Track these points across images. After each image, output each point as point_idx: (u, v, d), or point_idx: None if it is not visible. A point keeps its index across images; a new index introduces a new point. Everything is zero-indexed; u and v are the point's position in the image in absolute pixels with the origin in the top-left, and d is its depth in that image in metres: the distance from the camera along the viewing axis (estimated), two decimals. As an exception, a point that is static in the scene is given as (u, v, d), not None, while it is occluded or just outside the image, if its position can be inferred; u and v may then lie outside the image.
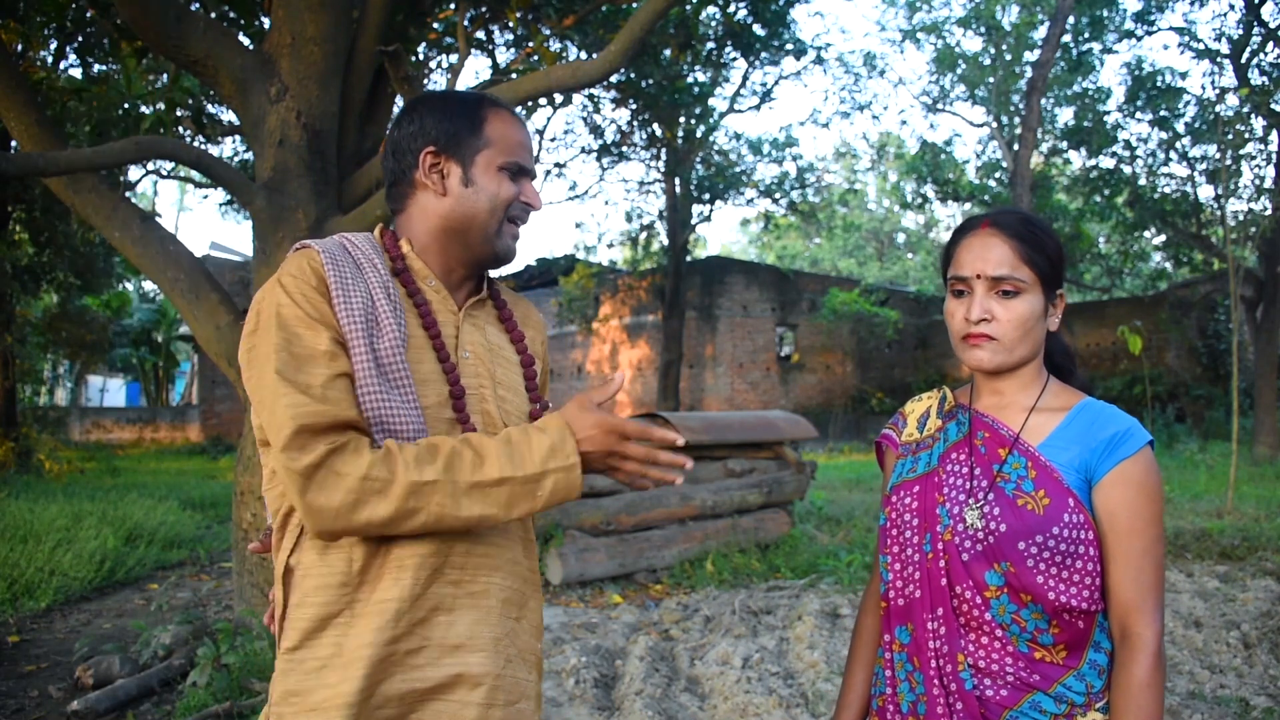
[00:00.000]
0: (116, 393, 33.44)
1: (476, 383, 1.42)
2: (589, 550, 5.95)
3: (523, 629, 1.41)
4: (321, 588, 1.29)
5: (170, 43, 4.24)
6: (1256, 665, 4.16)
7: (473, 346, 1.44)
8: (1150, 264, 20.86)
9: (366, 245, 1.42)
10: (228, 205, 17.18)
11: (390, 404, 1.28)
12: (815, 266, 36.75)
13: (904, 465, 1.50)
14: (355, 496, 1.20)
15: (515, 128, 1.45)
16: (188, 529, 8.18)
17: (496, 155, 1.42)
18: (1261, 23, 14.46)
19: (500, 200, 1.42)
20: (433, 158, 1.42)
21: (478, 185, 1.42)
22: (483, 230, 1.43)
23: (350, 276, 1.34)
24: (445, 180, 1.42)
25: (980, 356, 1.39)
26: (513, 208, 1.44)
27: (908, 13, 21.43)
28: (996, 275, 1.37)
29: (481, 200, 1.41)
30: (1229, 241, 10.07)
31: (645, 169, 20.26)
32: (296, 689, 1.27)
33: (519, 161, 1.44)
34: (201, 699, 3.70)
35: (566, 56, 9.41)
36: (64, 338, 16.34)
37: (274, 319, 1.28)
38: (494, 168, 1.42)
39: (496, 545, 1.37)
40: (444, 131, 1.42)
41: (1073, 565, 1.31)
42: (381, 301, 1.34)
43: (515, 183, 1.44)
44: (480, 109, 1.44)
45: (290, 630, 1.30)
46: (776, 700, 3.61)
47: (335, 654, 1.27)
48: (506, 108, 1.48)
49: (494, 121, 1.44)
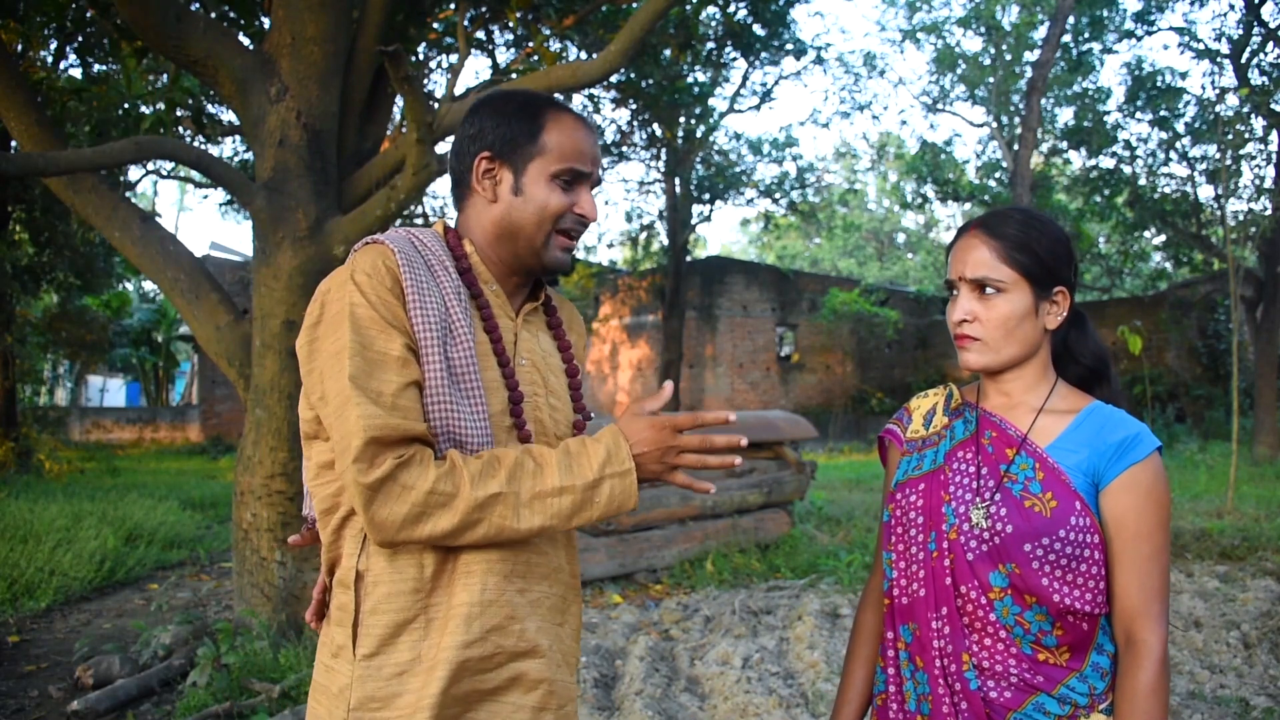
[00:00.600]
0: (116, 393, 33.43)
1: (531, 390, 1.43)
2: (589, 550, 5.95)
3: (566, 633, 1.43)
4: (394, 594, 1.29)
5: (170, 43, 4.24)
6: (1256, 665, 4.16)
7: (529, 354, 1.44)
8: (1150, 264, 20.85)
9: (436, 245, 1.40)
10: (228, 205, 17.17)
11: (460, 414, 1.29)
12: (815, 266, 36.73)
13: (909, 462, 1.49)
14: (420, 510, 1.21)
15: (577, 133, 1.40)
16: (188, 529, 8.17)
17: (550, 163, 1.38)
18: (1261, 23, 14.46)
19: (549, 212, 1.38)
20: (487, 163, 1.40)
21: (527, 195, 1.38)
22: (529, 241, 1.39)
23: (425, 279, 1.33)
24: (497, 187, 1.40)
25: (967, 357, 1.41)
26: (564, 220, 1.40)
27: (908, 13, 21.43)
28: (974, 277, 1.38)
29: (529, 210, 1.38)
30: (1229, 241, 10.06)
31: (645, 169, 20.28)
32: (376, 694, 1.28)
33: (574, 168, 1.39)
34: (201, 699, 3.70)
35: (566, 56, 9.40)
36: (64, 338, 16.32)
37: (347, 317, 1.26)
38: (545, 176, 1.38)
39: (546, 553, 1.39)
40: (500, 136, 1.39)
41: (1078, 568, 1.31)
42: (455, 307, 1.34)
43: (569, 192, 1.39)
44: (541, 114, 1.40)
45: (365, 637, 1.29)
46: (776, 700, 3.61)
47: (415, 659, 1.28)
48: (571, 112, 1.43)
49: (553, 127, 1.39)
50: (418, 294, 1.30)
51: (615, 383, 22.70)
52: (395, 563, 1.30)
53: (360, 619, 1.30)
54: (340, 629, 1.33)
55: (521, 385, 1.41)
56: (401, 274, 1.31)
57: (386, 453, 1.20)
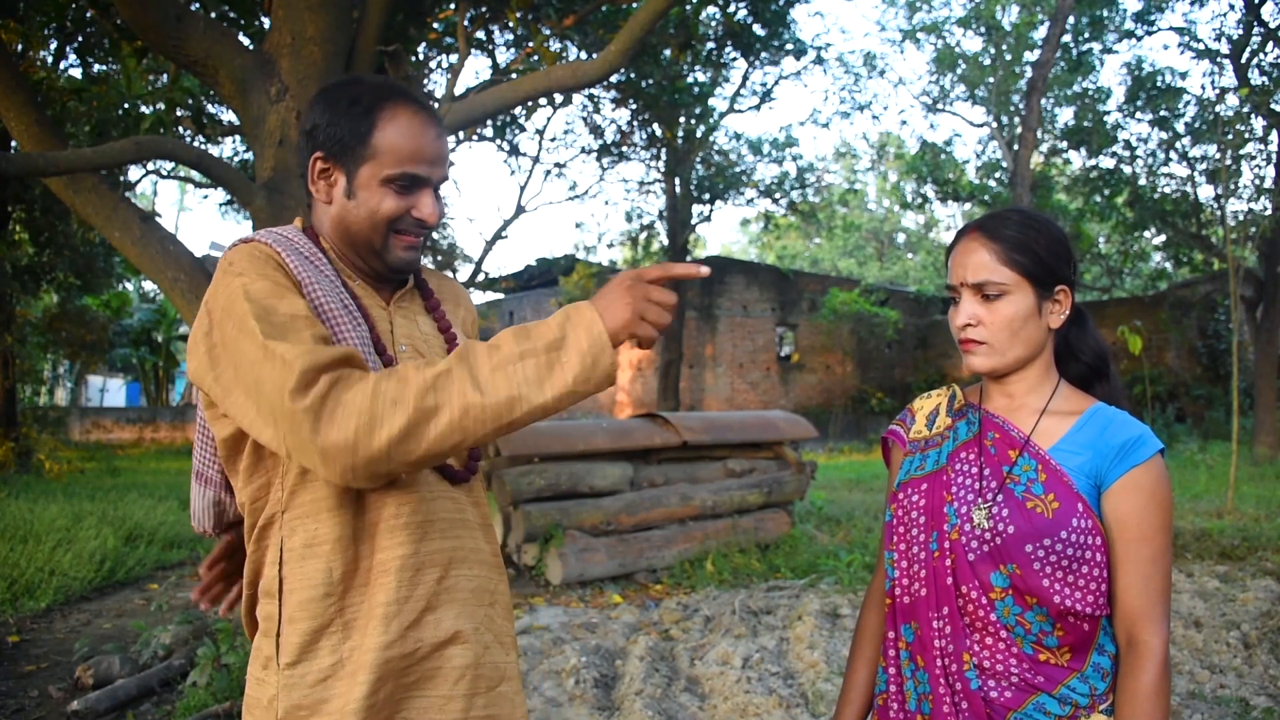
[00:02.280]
0: (116, 393, 33.43)
1: None
2: (589, 550, 5.95)
3: (496, 613, 1.42)
4: (308, 601, 1.27)
5: (170, 43, 4.23)
6: (1256, 665, 4.16)
7: (408, 339, 1.42)
8: (1150, 264, 20.85)
9: (303, 241, 1.37)
10: (228, 205, 17.18)
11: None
12: (815, 266, 36.74)
13: (912, 462, 1.49)
14: (368, 416, 1.12)
15: (412, 132, 1.33)
16: (188, 529, 8.16)
17: (381, 167, 1.32)
18: (1261, 23, 14.46)
19: (380, 217, 1.33)
20: (321, 163, 1.35)
21: (358, 199, 1.34)
22: (367, 243, 1.36)
23: (309, 269, 1.31)
24: (332, 189, 1.36)
25: (974, 360, 1.41)
26: (401, 221, 1.35)
27: (908, 13, 21.44)
28: (975, 281, 1.38)
29: (361, 214, 1.34)
30: (1229, 241, 10.06)
31: (645, 169, 20.27)
32: (302, 703, 1.26)
33: (409, 172, 1.32)
34: (201, 699, 3.70)
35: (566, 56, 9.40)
36: (64, 338, 16.32)
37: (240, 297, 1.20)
38: (376, 181, 1.32)
39: (458, 537, 1.37)
40: (330, 136, 1.33)
41: (1079, 570, 1.31)
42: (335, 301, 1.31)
43: (405, 195, 1.34)
44: (372, 111, 1.33)
45: (286, 645, 1.28)
46: (776, 700, 3.61)
47: (337, 664, 1.27)
48: (410, 105, 1.35)
49: (385, 127, 1.32)
50: (308, 280, 1.28)
51: (615, 382, 22.66)
52: (305, 568, 1.27)
53: (282, 628, 1.28)
54: (266, 639, 1.31)
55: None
56: (286, 261, 1.28)
57: (320, 375, 1.14)
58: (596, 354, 1.18)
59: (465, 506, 1.42)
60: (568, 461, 6.21)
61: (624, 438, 6.47)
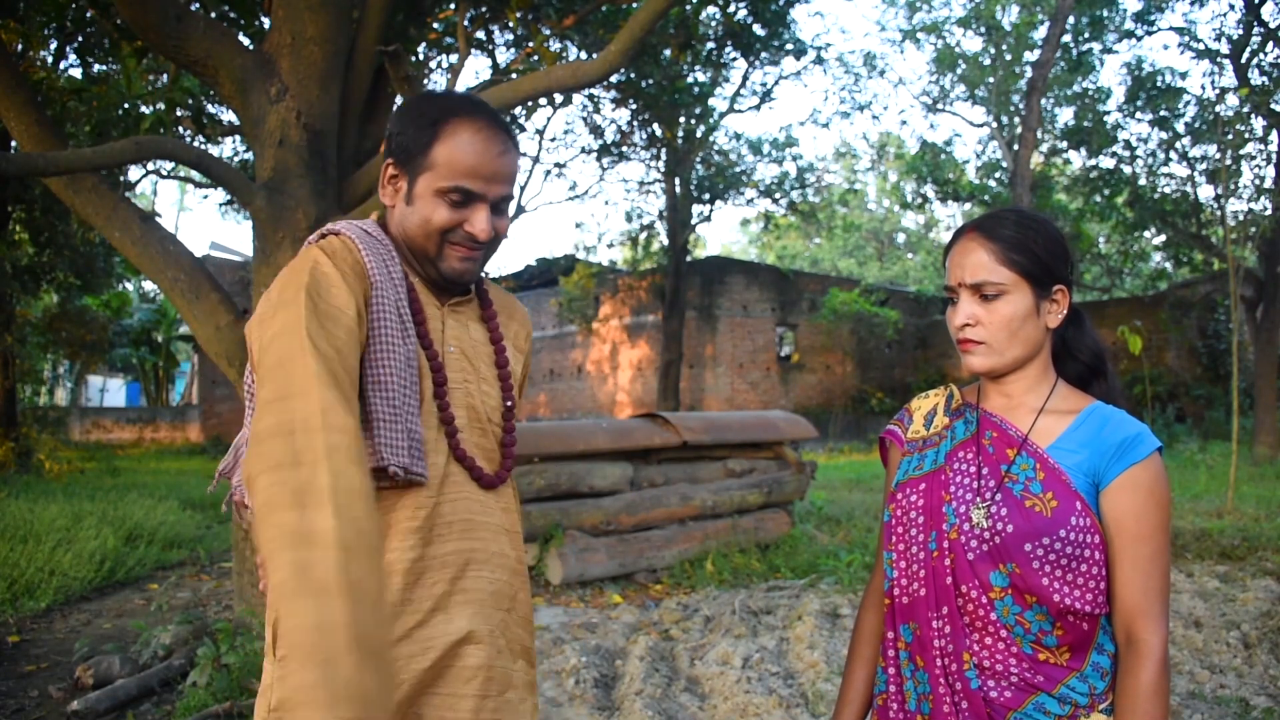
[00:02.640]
0: (116, 393, 33.43)
1: (461, 377, 1.43)
2: (589, 550, 5.95)
3: (513, 620, 1.43)
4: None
5: (170, 43, 4.23)
6: (1256, 665, 4.16)
7: (457, 342, 1.45)
8: (1150, 264, 20.86)
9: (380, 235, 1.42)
10: (228, 205, 17.17)
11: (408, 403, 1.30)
12: (815, 266, 36.74)
13: (910, 462, 1.49)
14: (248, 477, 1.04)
15: (473, 148, 1.35)
16: (188, 529, 8.17)
17: (437, 179, 1.35)
18: (1261, 23, 14.46)
19: (432, 226, 1.37)
20: (392, 169, 1.41)
21: (415, 206, 1.38)
22: (422, 250, 1.40)
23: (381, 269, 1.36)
24: (397, 194, 1.41)
25: (972, 361, 1.41)
26: (454, 234, 1.38)
27: (908, 13, 21.44)
28: (974, 281, 1.38)
29: (415, 221, 1.38)
30: (1229, 241, 10.06)
31: (645, 169, 20.28)
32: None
33: (463, 187, 1.35)
34: (201, 699, 3.70)
35: (566, 56, 9.41)
36: (64, 338, 16.32)
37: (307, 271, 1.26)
38: (431, 192, 1.36)
39: (480, 539, 1.39)
40: (400, 144, 1.39)
41: (1078, 568, 1.31)
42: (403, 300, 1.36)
43: (459, 209, 1.36)
44: (439, 124, 1.36)
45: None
46: (776, 700, 3.61)
47: None
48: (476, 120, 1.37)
49: (448, 140, 1.35)
50: (381, 278, 1.34)
51: (615, 383, 22.69)
52: None
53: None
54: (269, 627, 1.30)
55: (450, 371, 1.42)
56: (365, 259, 1.34)
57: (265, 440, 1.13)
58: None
59: (493, 510, 1.43)
60: (568, 461, 6.21)
61: (624, 438, 6.47)
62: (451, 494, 1.37)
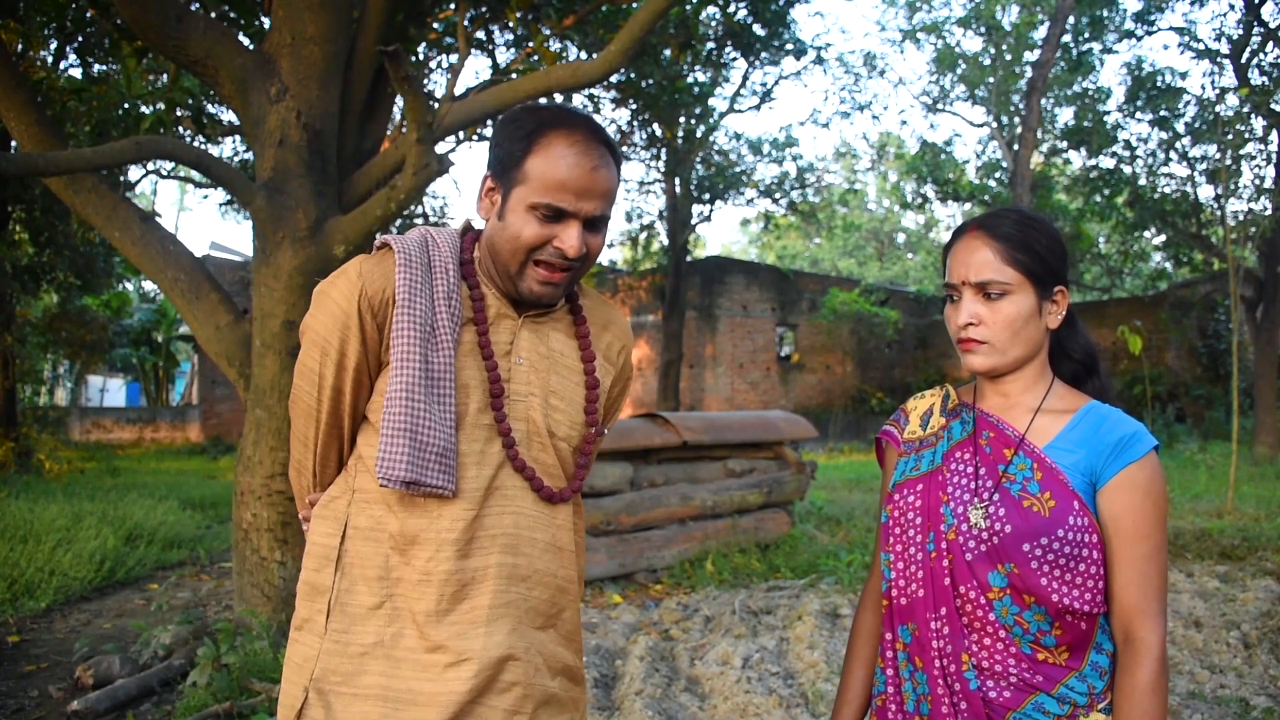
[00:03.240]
0: (116, 393, 33.42)
1: (525, 389, 1.41)
2: (589, 550, 5.95)
3: (551, 639, 1.43)
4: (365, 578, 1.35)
5: (170, 43, 4.24)
6: (1256, 665, 4.16)
7: (528, 354, 1.42)
8: (1150, 264, 20.85)
9: (446, 245, 1.42)
10: (228, 205, 17.17)
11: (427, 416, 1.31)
12: (815, 266, 36.73)
13: (906, 463, 1.49)
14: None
15: (565, 162, 1.31)
16: (188, 529, 8.17)
17: (529, 194, 1.32)
18: (1261, 23, 14.46)
19: (521, 243, 1.34)
20: (490, 182, 1.39)
21: (506, 221, 1.35)
22: (505, 267, 1.38)
23: (419, 281, 1.36)
24: (491, 207, 1.39)
25: (973, 360, 1.40)
26: (541, 251, 1.35)
27: (908, 13, 21.43)
28: (979, 280, 1.37)
29: (505, 237, 1.36)
30: (1229, 241, 10.06)
31: (645, 169, 20.26)
32: (339, 669, 1.33)
33: (554, 204, 1.31)
34: (201, 699, 3.70)
35: (566, 56, 9.40)
36: (64, 338, 16.31)
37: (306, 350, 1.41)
38: (524, 207, 1.33)
39: (525, 555, 1.39)
40: (497, 157, 1.37)
41: (1076, 568, 1.31)
42: (443, 310, 1.36)
43: (549, 224, 1.33)
44: (534, 136, 1.33)
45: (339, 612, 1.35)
46: (776, 700, 3.61)
47: (378, 643, 1.33)
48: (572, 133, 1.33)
49: (541, 153, 1.32)
50: (408, 297, 1.34)
51: None
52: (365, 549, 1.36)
53: (336, 595, 1.35)
54: (307, 602, 1.38)
55: (514, 384, 1.40)
56: (397, 278, 1.35)
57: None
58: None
59: (549, 527, 1.42)
60: (568, 461, 6.20)
61: (624, 438, 6.47)
62: (497, 507, 1.37)
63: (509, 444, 1.38)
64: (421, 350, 1.32)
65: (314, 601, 1.37)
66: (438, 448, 1.30)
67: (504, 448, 1.38)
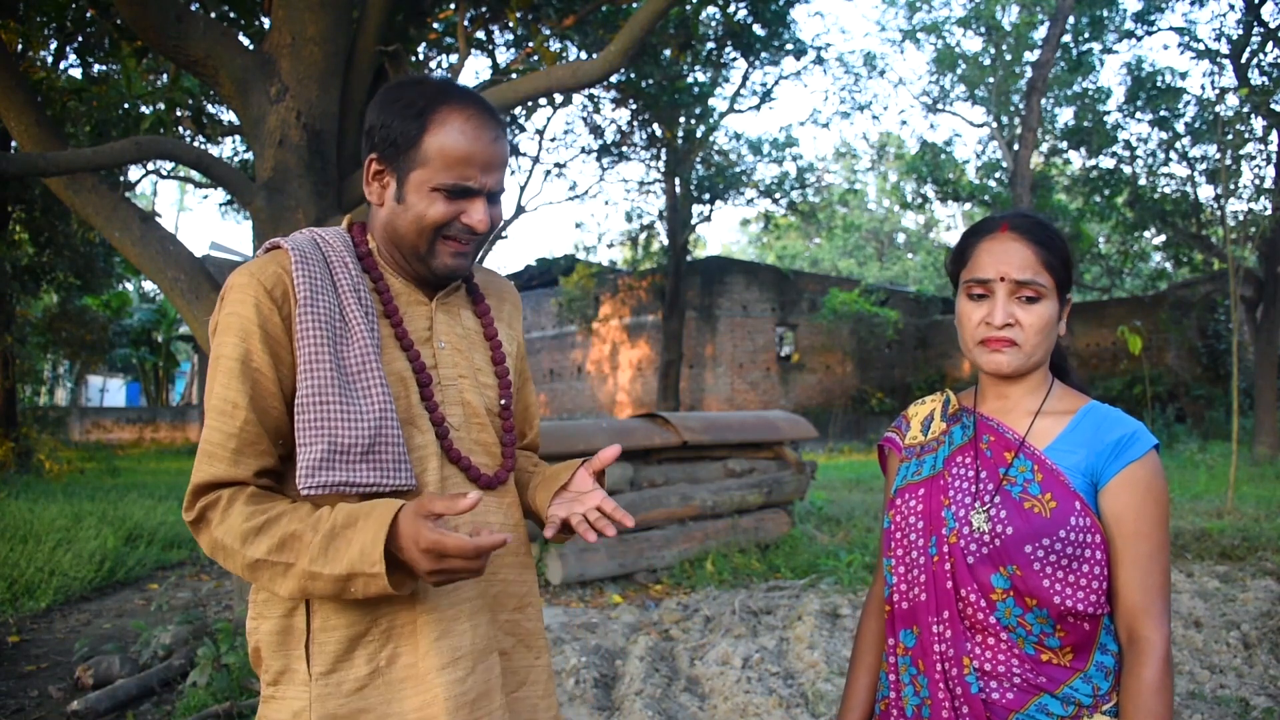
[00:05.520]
0: (116, 393, 33.43)
1: (455, 373, 1.39)
2: (589, 550, 5.95)
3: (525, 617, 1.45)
4: (342, 609, 1.27)
5: (170, 43, 4.23)
6: (1256, 665, 4.16)
7: (449, 337, 1.41)
8: (1150, 264, 20.87)
9: (338, 242, 1.37)
10: (228, 205, 17.18)
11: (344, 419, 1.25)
12: (815, 266, 36.74)
13: (908, 468, 1.49)
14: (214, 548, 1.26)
15: (465, 138, 1.29)
16: (187, 529, 8.16)
17: (431, 174, 1.29)
18: (1261, 23, 14.46)
19: (427, 223, 1.31)
20: (375, 165, 1.34)
21: (407, 204, 1.31)
22: (413, 249, 1.34)
23: (319, 278, 1.30)
24: (384, 191, 1.34)
25: (1000, 361, 1.37)
26: (449, 228, 1.32)
27: (908, 13, 21.43)
28: (1021, 279, 1.35)
29: (409, 219, 1.32)
30: (1229, 241, 10.05)
31: (645, 169, 20.27)
32: (337, 713, 1.26)
33: (459, 183, 1.29)
34: (201, 699, 3.70)
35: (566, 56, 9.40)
36: (64, 338, 16.32)
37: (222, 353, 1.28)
38: (427, 188, 1.30)
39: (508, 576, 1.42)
40: (385, 139, 1.31)
41: (1079, 569, 1.31)
42: (351, 304, 1.31)
43: (455, 201, 1.31)
44: (427, 114, 1.29)
45: (320, 655, 1.27)
46: (776, 700, 3.61)
47: (374, 672, 1.27)
48: (465, 108, 1.31)
49: (437, 131, 1.29)
50: (309, 294, 1.28)
51: (615, 382, 22.70)
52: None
53: (312, 637, 1.28)
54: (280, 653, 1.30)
55: (443, 368, 1.38)
56: (294, 274, 1.29)
57: (200, 498, 1.26)
58: (380, 591, 1.19)
59: (500, 508, 1.41)
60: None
61: (624, 438, 6.46)
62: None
63: (443, 433, 1.35)
64: (330, 349, 1.26)
65: (289, 649, 1.29)
66: (362, 445, 1.24)
67: (437, 438, 1.35)
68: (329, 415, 1.24)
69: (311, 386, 1.25)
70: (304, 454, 1.24)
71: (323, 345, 1.26)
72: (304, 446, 1.24)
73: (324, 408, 1.24)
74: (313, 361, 1.25)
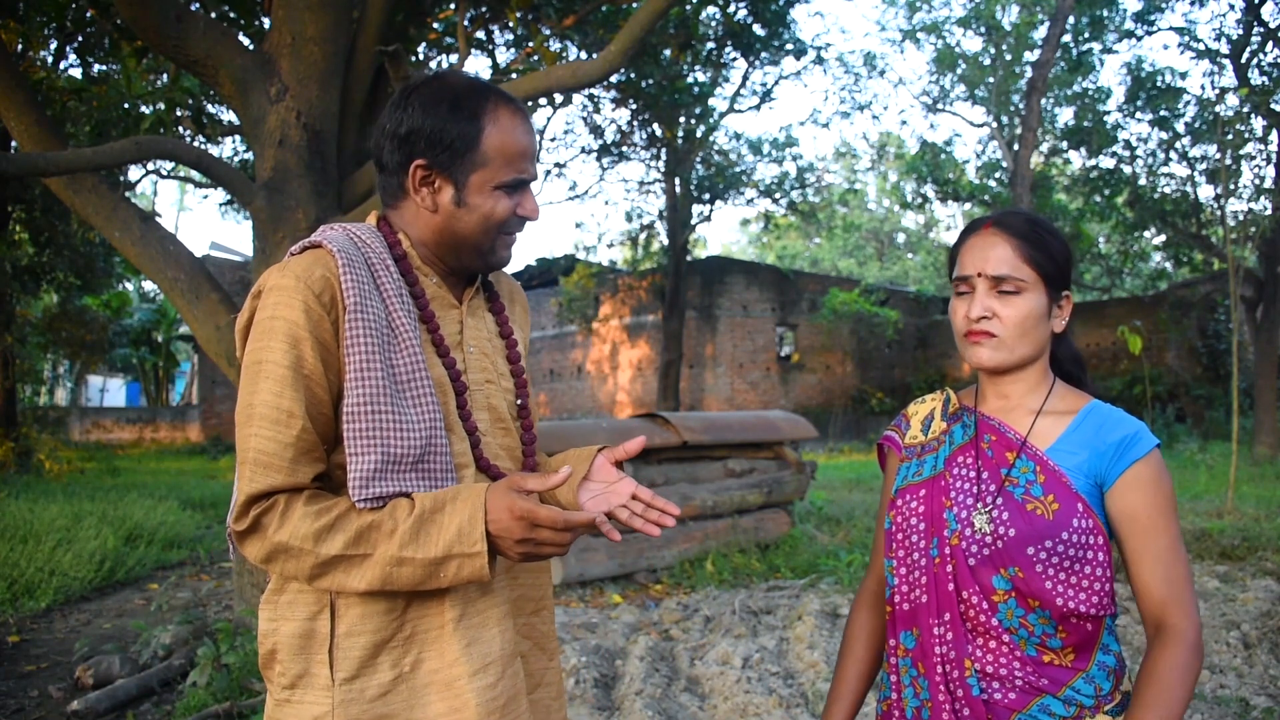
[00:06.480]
0: (116, 393, 33.43)
1: (483, 378, 1.39)
2: (589, 550, 5.95)
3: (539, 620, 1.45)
4: (367, 615, 1.26)
5: (170, 43, 4.24)
6: (1256, 665, 4.15)
7: (476, 340, 1.40)
8: (1150, 264, 20.86)
9: (375, 242, 1.34)
10: (228, 205, 17.17)
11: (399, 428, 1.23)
12: (815, 266, 36.74)
13: (908, 468, 1.49)
14: (270, 554, 1.21)
15: (518, 133, 1.32)
16: (188, 529, 8.17)
17: (494, 174, 1.30)
18: (1261, 23, 14.46)
19: (495, 220, 1.33)
20: (423, 171, 1.31)
21: (470, 206, 1.31)
22: (476, 248, 1.35)
23: (366, 282, 1.27)
24: (436, 196, 1.32)
25: (980, 354, 1.39)
26: (508, 222, 1.35)
27: (908, 13, 21.44)
28: (997, 274, 1.37)
29: (474, 221, 1.32)
30: (1229, 241, 10.05)
31: (645, 169, 20.28)
32: (360, 717, 1.25)
33: (519, 176, 1.32)
34: (201, 699, 3.70)
35: (566, 56, 9.40)
36: (64, 338, 16.31)
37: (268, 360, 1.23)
38: (489, 187, 1.31)
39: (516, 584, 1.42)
40: (437, 143, 1.29)
41: (1081, 570, 1.31)
42: (397, 308, 1.29)
43: (513, 196, 1.34)
44: (479, 115, 1.30)
45: (344, 660, 1.25)
46: (776, 700, 3.61)
47: (397, 678, 1.26)
48: (510, 104, 1.33)
49: (493, 131, 1.30)
50: (358, 299, 1.25)
51: (615, 382, 22.70)
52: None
53: (336, 642, 1.26)
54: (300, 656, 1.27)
55: (472, 374, 1.37)
56: (342, 278, 1.25)
57: (254, 505, 1.21)
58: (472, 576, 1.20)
59: None
60: (568, 461, 6.20)
61: (624, 437, 6.46)
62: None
63: (475, 442, 1.34)
64: (382, 355, 1.25)
65: (310, 654, 1.26)
66: (413, 455, 1.24)
67: (471, 446, 1.34)
68: (382, 425, 1.23)
69: (363, 395, 1.23)
70: (356, 464, 1.22)
71: (374, 353, 1.24)
72: (355, 457, 1.22)
73: (377, 417, 1.23)
74: (364, 369, 1.23)
